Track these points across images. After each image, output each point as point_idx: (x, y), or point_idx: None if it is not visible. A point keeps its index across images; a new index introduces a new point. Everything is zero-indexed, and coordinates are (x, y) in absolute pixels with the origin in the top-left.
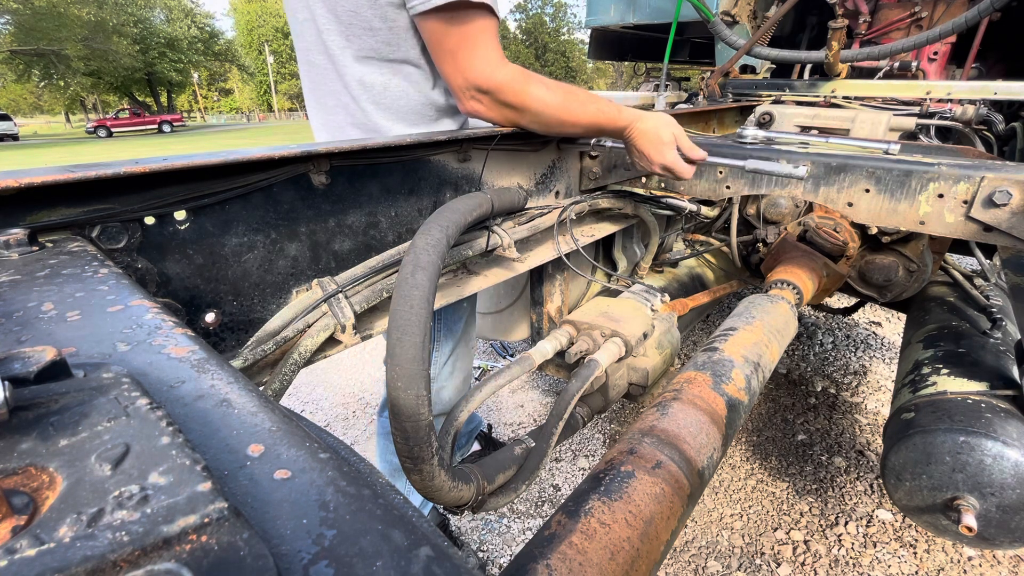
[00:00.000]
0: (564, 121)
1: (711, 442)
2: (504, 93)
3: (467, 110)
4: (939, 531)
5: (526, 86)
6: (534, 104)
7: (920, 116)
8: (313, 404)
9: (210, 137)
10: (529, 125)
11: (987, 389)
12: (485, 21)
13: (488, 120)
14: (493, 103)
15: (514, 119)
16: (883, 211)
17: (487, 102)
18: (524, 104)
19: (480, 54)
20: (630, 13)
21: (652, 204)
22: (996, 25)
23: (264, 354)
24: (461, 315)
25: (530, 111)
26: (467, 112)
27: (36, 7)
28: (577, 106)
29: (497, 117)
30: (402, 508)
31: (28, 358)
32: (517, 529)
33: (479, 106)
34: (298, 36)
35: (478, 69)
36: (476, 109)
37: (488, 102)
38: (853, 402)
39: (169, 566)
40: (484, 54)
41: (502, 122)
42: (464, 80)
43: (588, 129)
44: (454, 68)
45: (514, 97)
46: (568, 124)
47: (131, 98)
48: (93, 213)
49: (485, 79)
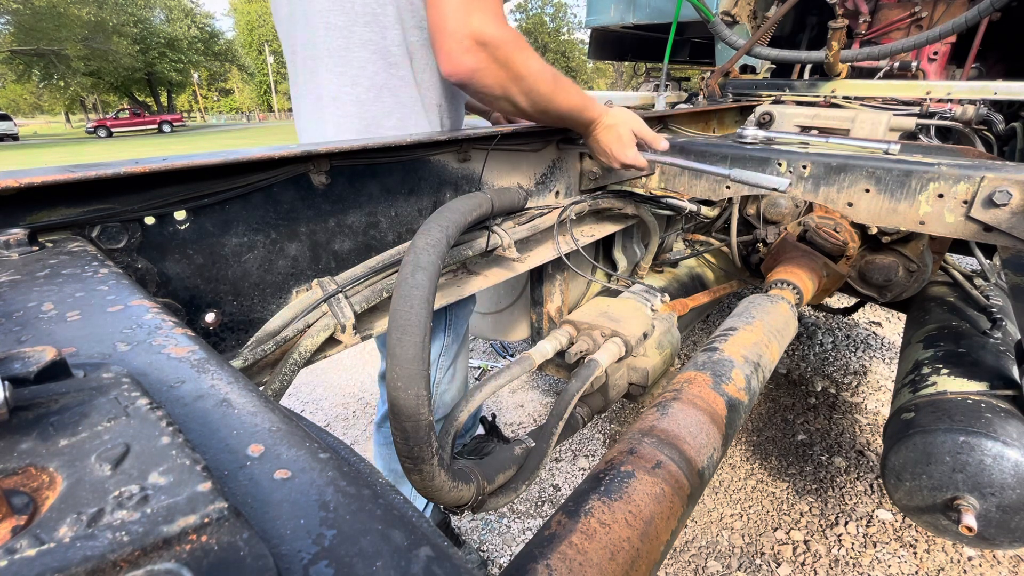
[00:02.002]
0: (552, 99)
1: (711, 442)
2: (505, 49)
3: (454, 66)
4: (939, 531)
5: (526, 50)
6: (529, 71)
7: (920, 116)
8: (313, 404)
9: (210, 137)
10: (516, 96)
11: (987, 389)
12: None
13: (471, 82)
14: (490, 59)
15: (505, 85)
16: (883, 211)
17: (484, 57)
18: (520, 68)
19: (489, 2)
20: (630, 13)
21: (652, 204)
22: (996, 25)
23: (264, 354)
24: (465, 319)
25: (524, 79)
26: (452, 69)
27: (36, 7)
28: (565, 85)
29: (487, 78)
30: (402, 508)
31: (28, 358)
32: (517, 529)
33: (471, 60)
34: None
35: (484, 17)
36: (466, 65)
37: (485, 58)
38: (853, 402)
39: (169, 566)
40: (492, 4)
41: (489, 85)
42: (465, 26)
43: (568, 114)
44: (456, 10)
45: (513, 57)
46: (554, 104)
47: (131, 98)
48: (93, 213)
49: (491, 29)
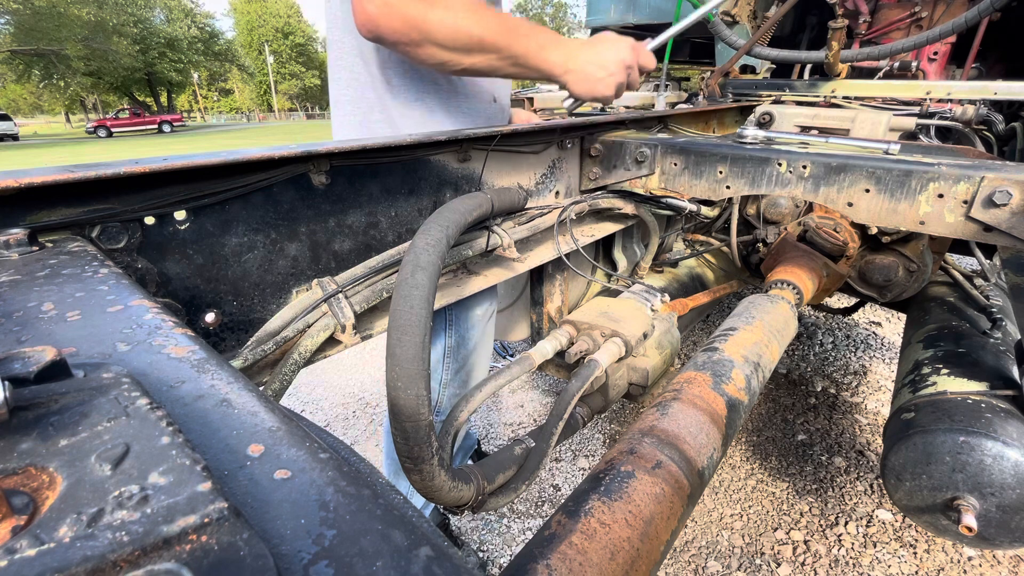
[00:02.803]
0: (478, 39)
1: (711, 442)
2: None
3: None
4: (939, 531)
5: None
6: (444, 15)
7: (920, 116)
8: (313, 404)
9: (210, 137)
10: (430, 47)
11: (987, 389)
12: None
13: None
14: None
15: (415, 36)
16: (883, 211)
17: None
18: (430, 15)
19: None
20: (630, 13)
21: (652, 204)
22: (996, 25)
23: (264, 354)
24: (471, 320)
25: (439, 27)
26: (360, 23)
27: (36, 7)
28: (499, 33)
29: (394, 20)
30: (402, 508)
31: (28, 358)
32: (517, 529)
33: (372, 9)
34: None
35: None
36: (368, 12)
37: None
38: (853, 402)
39: (169, 566)
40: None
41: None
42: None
43: (506, 67)
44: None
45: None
46: (482, 45)
47: (131, 98)
48: (93, 213)
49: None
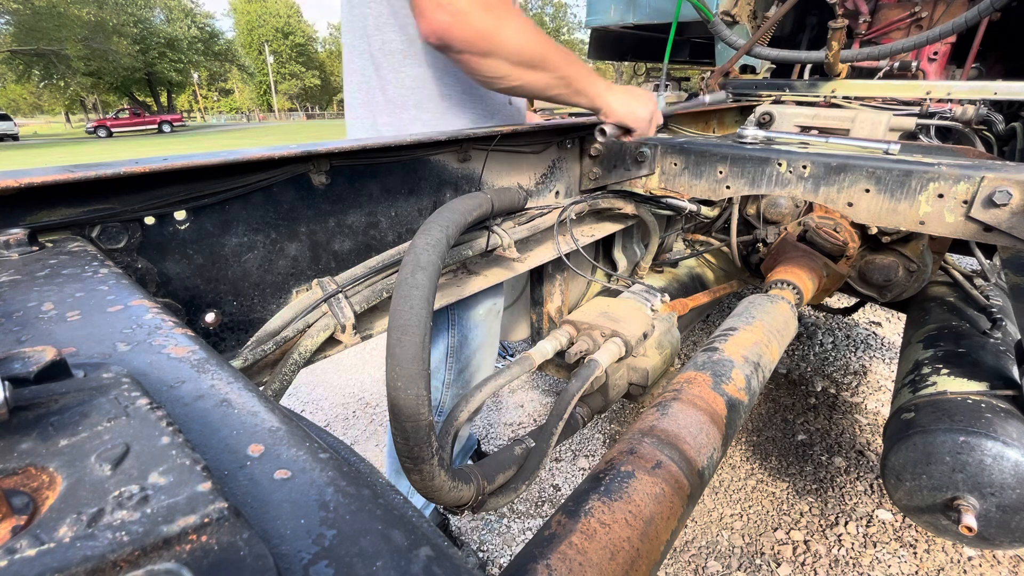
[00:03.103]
0: (540, 56)
1: (711, 442)
2: (492, 4)
3: (429, 23)
4: (939, 531)
5: (512, 6)
6: (515, 30)
7: (920, 116)
8: (313, 404)
9: (210, 137)
10: (496, 60)
11: (987, 389)
12: None
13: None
14: (469, 17)
15: (484, 47)
16: (883, 211)
17: (461, 15)
18: (503, 27)
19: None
20: (630, 13)
21: (652, 204)
22: (996, 25)
23: (264, 354)
24: (473, 320)
25: (510, 39)
26: (427, 28)
27: (36, 7)
28: (557, 54)
29: (465, 29)
30: (402, 508)
31: (28, 358)
32: (517, 529)
33: (445, 16)
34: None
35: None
36: (439, 20)
37: (463, 15)
38: (853, 402)
39: (169, 566)
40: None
41: (469, 39)
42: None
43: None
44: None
45: (500, 12)
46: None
47: (131, 98)
48: (93, 213)
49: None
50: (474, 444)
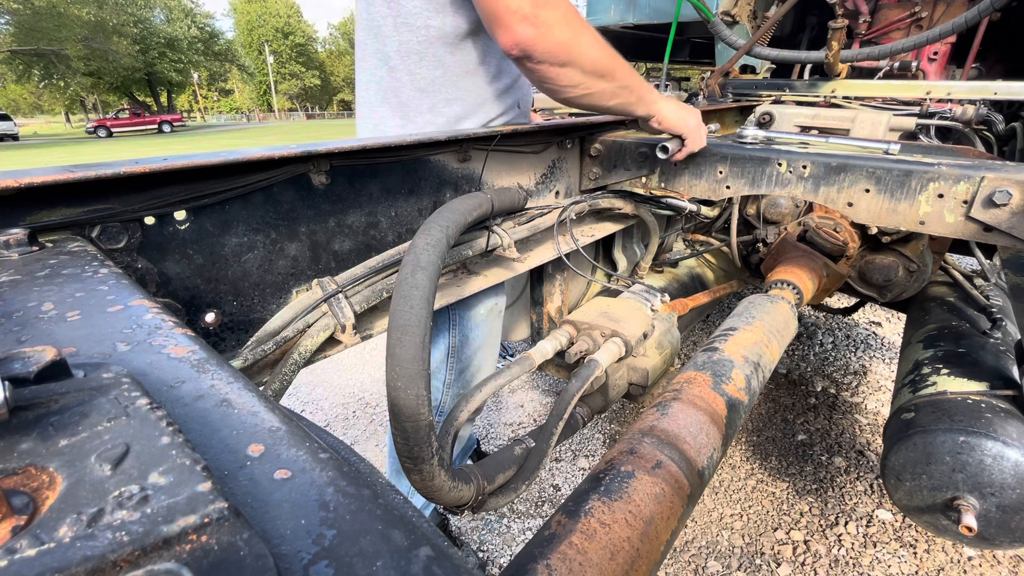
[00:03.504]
0: (610, 67)
1: (711, 442)
2: (569, 13)
3: (514, 36)
4: (939, 531)
5: (584, 20)
6: (590, 42)
7: (920, 116)
8: (313, 404)
9: (210, 137)
10: (572, 69)
11: (987, 389)
12: None
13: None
14: (552, 30)
15: (563, 58)
16: (883, 211)
17: (545, 27)
18: (581, 39)
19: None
20: (630, 13)
21: (652, 204)
22: (996, 25)
23: (264, 354)
24: (473, 320)
25: (586, 51)
26: (512, 40)
27: (36, 7)
28: (622, 64)
29: (548, 41)
30: (402, 508)
31: (28, 358)
32: (517, 529)
33: (530, 29)
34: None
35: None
36: (525, 33)
37: (546, 27)
38: (853, 402)
39: (169, 566)
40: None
41: (552, 51)
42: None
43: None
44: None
45: (576, 25)
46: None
47: (131, 98)
48: (93, 213)
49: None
50: (473, 444)
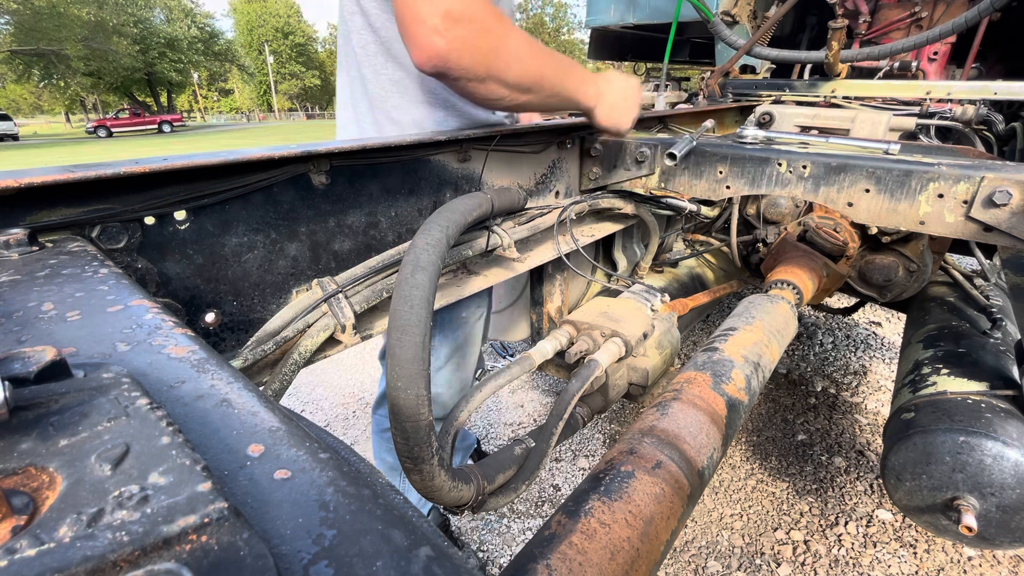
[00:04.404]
0: (538, 77)
1: (711, 442)
2: (481, 20)
3: (426, 51)
4: (939, 531)
5: (503, 19)
6: (513, 52)
7: (920, 116)
8: (313, 404)
9: (210, 137)
10: (502, 72)
11: (987, 389)
12: None
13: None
14: (466, 35)
15: (488, 61)
16: (883, 211)
17: (459, 34)
18: (501, 51)
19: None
20: (630, 13)
21: (652, 204)
22: (996, 25)
23: (264, 354)
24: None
25: (507, 48)
26: (425, 56)
27: (36, 7)
28: (553, 55)
29: (465, 57)
30: (402, 508)
31: (28, 358)
32: (517, 529)
33: (443, 41)
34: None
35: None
36: (438, 46)
37: (460, 34)
38: (853, 402)
39: (169, 566)
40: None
41: (469, 66)
42: (428, 6)
43: (551, 102)
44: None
45: (492, 27)
46: (540, 84)
47: (131, 98)
48: (93, 213)
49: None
50: (473, 443)
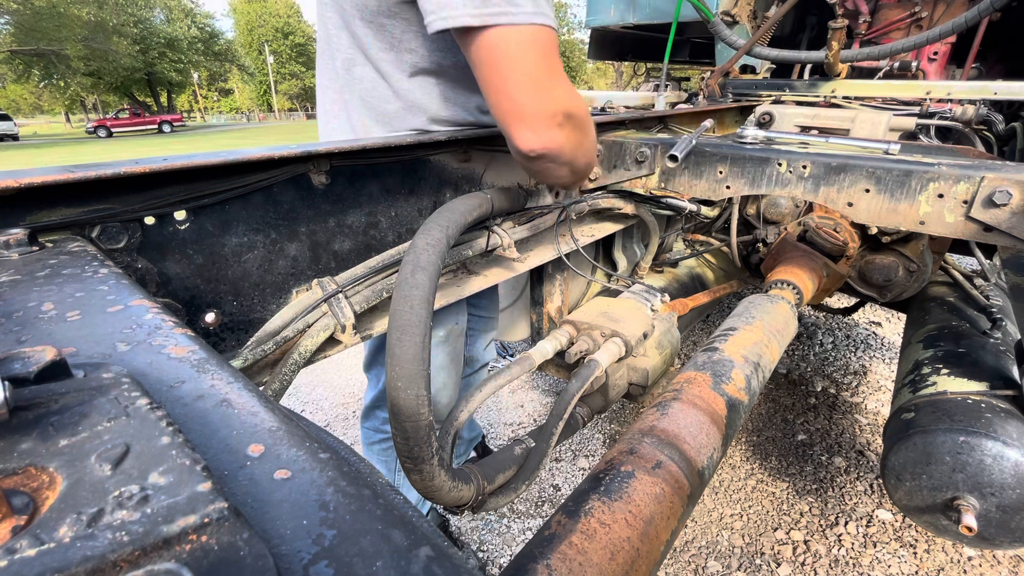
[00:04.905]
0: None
1: (711, 442)
2: (588, 121)
3: (543, 143)
4: (939, 531)
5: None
6: (590, 148)
7: (920, 116)
8: (313, 404)
9: (210, 137)
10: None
11: (987, 389)
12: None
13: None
14: (575, 128)
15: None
16: (883, 211)
17: (568, 129)
18: (587, 142)
19: (561, 75)
20: (630, 13)
21: (652, 204)
22: (996, 25)
23: (264, 354)
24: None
25: (585, 152)
26: (538, 146)
27: (36, 7)
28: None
29: (568, 149)
30: (402, 508)
31: (28, 358)
32: (517, 529)
33: (560, 135)
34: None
35: (565, 88)
36: (555, 140)
37: (570, 128)
38: (853, 402)
39: (169, 566)
40: (562, 75)
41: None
42: (551, 102)
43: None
44: (536, 87)
45: (590, 128)
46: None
47: (131, 98)
48: (93, 213)
49: (573, 99)
50: (479, 435)
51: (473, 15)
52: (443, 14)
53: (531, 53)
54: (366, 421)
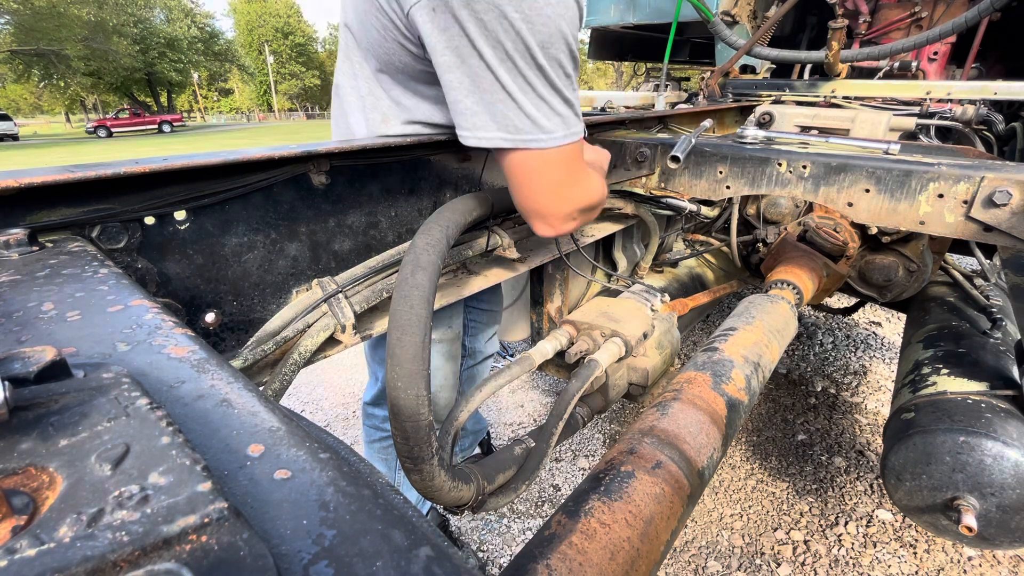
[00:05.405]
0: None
1: (711, 442)
2: (597, 199)
3: (557, 231)
4: (939, 531)
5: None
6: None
7: (920, 116)
8: (313, 404)
9: (210, 137)
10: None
11: (987, 389)
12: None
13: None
14: (588, 213)
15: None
16: (883, 211)
17: (580, 219)
18: (597, 209)
19: (581, 177)
20: (630, 13)
21: (652, 204)
22: (996, 25)
23: (264, 354)
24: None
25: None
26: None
27: (36, 7)
28: None
29: (582, 223)
30: (402, 508)
31: (28, 358)
32: (517, 529)
33: (573, 224)
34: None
35: (583, 189)
36: (568, 228)
37: (583, 217)
38: (853, 402)
39: (169, 566)
40: (588, 178)
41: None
42: (568, 204)
43: None
44: (556, 193)
45: (600, 199)
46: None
47: (131, 98)
48: (93, 213)
49: (587, 196)
50: (485, 428)
51: (505, 139)
52: (478, 134)
53: (556, 169)
54: (368, 419)
